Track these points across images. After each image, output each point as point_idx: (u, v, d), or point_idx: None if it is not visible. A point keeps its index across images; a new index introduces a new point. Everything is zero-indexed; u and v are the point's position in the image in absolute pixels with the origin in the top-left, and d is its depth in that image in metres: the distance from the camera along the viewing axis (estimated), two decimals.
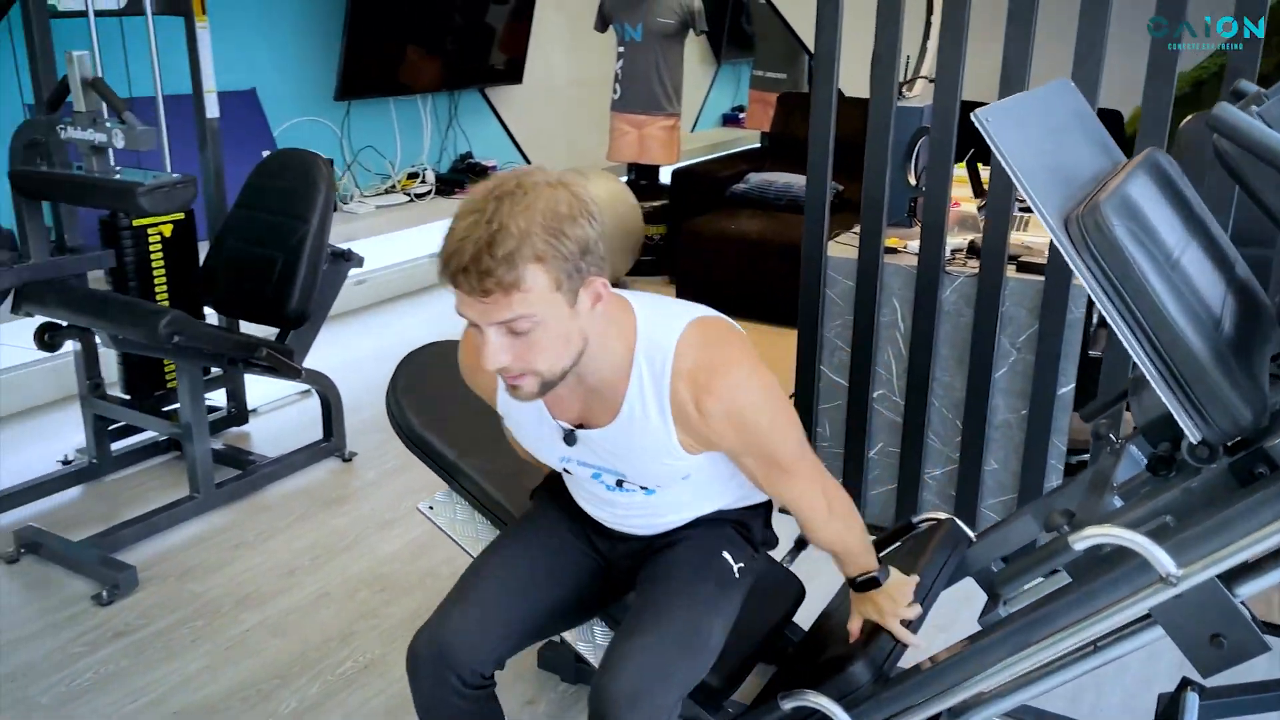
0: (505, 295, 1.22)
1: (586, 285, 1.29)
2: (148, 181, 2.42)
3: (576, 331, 1.32)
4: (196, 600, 2.57)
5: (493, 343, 1.27)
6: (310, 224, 2.91)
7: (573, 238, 1.25)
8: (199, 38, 3.20)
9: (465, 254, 1.21)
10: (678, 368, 1.40)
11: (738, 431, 1.44)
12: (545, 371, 1.32)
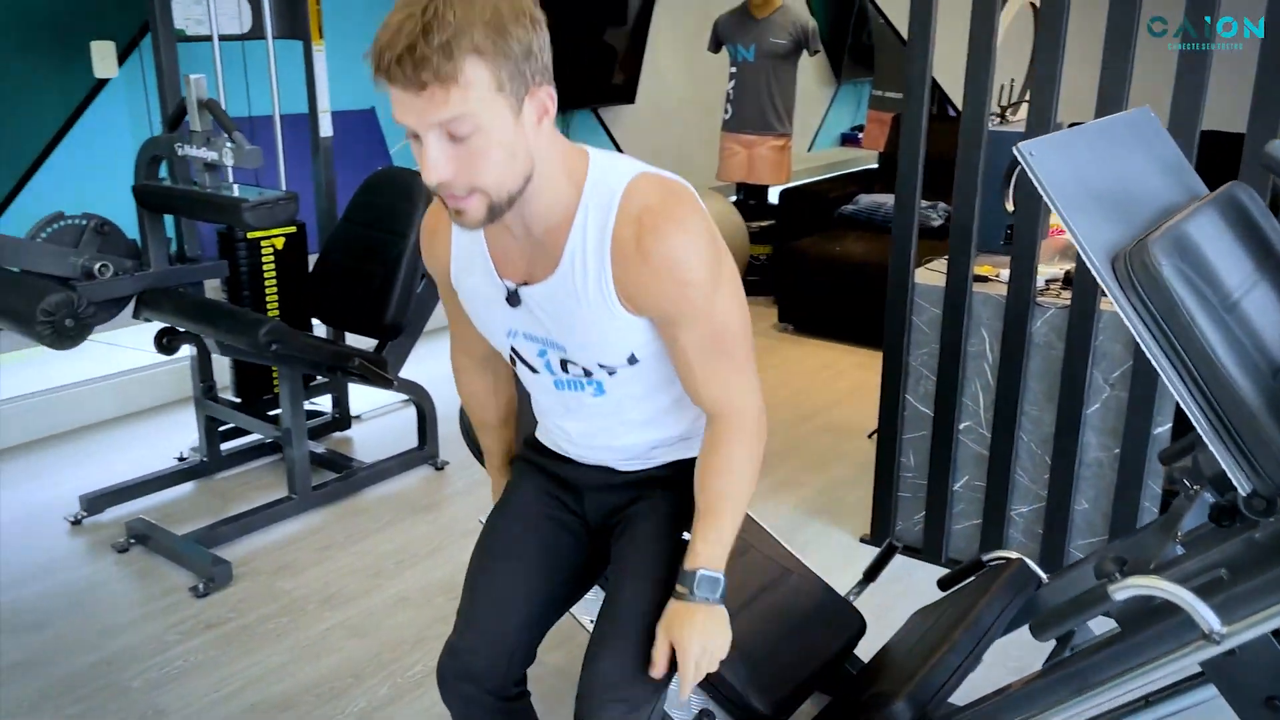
0: (443, 89, 1.13)
1: (531, 95, 1.20)
2: (253, 198, 2.56)
3: (523, 148, 1.22)
4: (284, 597, 2.69)
5: (433, 151, 1.17)
6: (408, 240, 3.02)
7: (516, 37, 1.16)
8: (315, 60, 3.37)
9: (399, 44, 1.12)
10: (624, 208, 1.29)
11: (677, 283, 1.30)
12: (491, 188, 1.22)
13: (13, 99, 3.38)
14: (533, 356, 1.47)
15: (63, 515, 3.05)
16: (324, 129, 3.43)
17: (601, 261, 1.31)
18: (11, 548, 2.90)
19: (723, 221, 5.11)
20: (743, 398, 1.42)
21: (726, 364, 1.40)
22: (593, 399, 1.47)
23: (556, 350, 1.42)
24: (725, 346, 1.38)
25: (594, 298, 1.33)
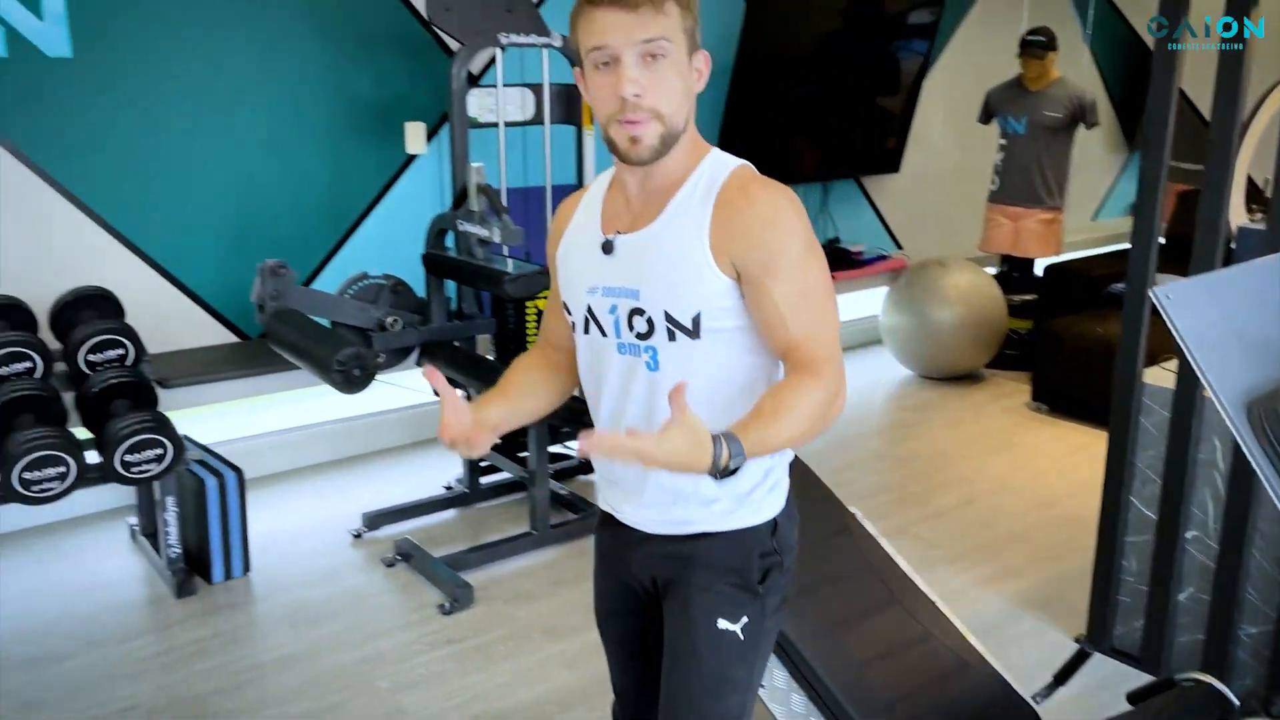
0: (653, 12, 1.33)
1: (696, 54, 1.41)
2: (514, 272, 2.93)
3: (690, 92, 1.41)
4: (514, 623, 3.01)
5: (630, 69, 1.34)
6: None
7: (695, 7, 1.39)
8: (585, 142, 3.75)
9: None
10: (734, 174, 1.44)
11: (776, 230, 1.39)
12: (667, 115, 1.38)
13: (341, 171, 4.01)
14: (604, 313, 1.49)
15: (347, 529, 3.57)
16: None
17: (704, 209, 1.41)
18: (304, 553, 3.44)
19: (978, 293, 5.06)
20: (828, 352, 1.41)
21: (817, 315, 1.41)
22: (646, 374, 1.47)
23: (629, 299, 1.45)
24: (814, 303, 1.41)
25: (686, 239, 1.41)
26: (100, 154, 3.50)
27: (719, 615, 1.51)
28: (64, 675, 2.75)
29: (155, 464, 2.97)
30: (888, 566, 2.38)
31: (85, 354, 3.10)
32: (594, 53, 1.36)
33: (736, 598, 1.52)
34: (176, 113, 3.60)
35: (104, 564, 3.36)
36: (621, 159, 1.42)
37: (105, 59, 3.46)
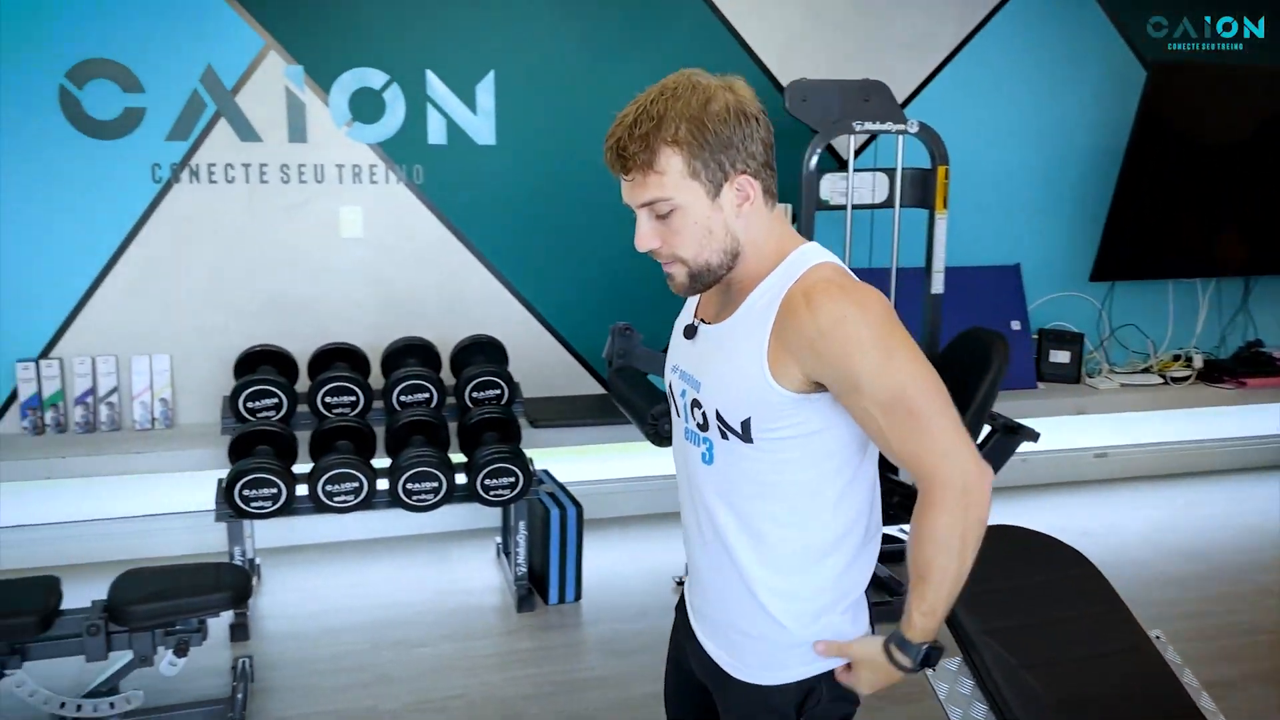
0: (643, 175, 1.35)
1: (730, 181, 1.35)
2: None
3: (721, 226, 1.37)
4: None
5: (642, 226, 1.39)
6: (975, 395, 3.22)
7: (715, 131, 1.32)
8: (937, 226, 3.76)
9: (614, 136, 1.36)
10: (804, 277, 1.38)
11: (844, 340, 1.31)
12: (690, 260, 1.39)
13: None
14: (678, 395, 1.53)
15: (671, 575, 3.83)
16: (935, 287, 3.79)
17: (767, 314, 1.38)
18: (629, 590, 3.74)
19: None
20: (939, 460, 1.33)
21: (914, 425, 1.33)
22: (702, 466, 1.49)
23: (694, 387, 1.47)
24: (911, 408, 1.33)
25: (746, 344, 1.39)
26: (509, 222, 4.14)
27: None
28: (416, 659, 3.25)
29: (509, 490, 3.44)
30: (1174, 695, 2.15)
31: (470, 391, 3.67)
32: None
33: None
34: (581, 190, 4.15)
35: (469, 573, 3.91)
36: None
37: (522, 146, 4.10)
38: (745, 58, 4.27)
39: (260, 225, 3.91)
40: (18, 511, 3.87)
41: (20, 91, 3.61)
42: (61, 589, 2.72)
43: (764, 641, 1.48)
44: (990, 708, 2.14)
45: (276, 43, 3.81)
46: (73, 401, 3.78)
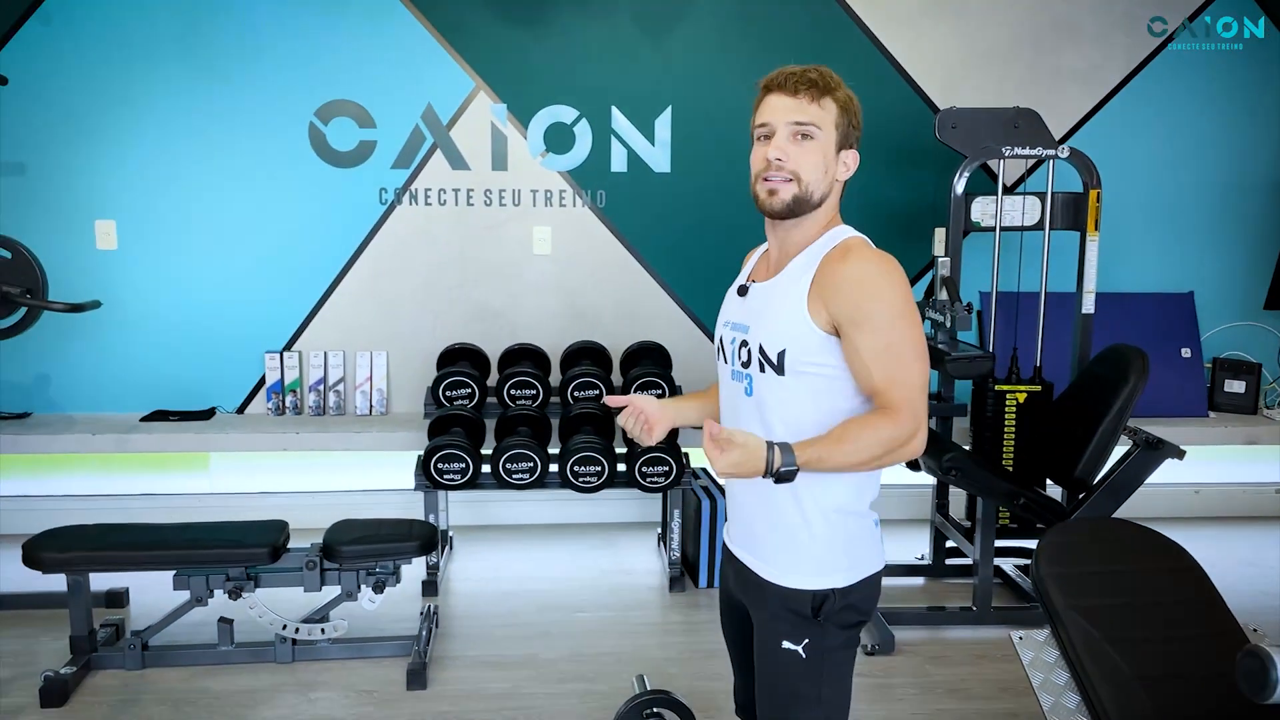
0: (810, 101, 1.73)
1: (850, 147, 1.77)
2: (955, 354, 3.25)
3: (829, 173, 1.75)
4: (923, 677, 3.25)
5: (780, 138, 1.73)
6: (1111, 407, 3.33)
7: (854, 112, 1.76)
8: (1088, 248, 3.87)
9: (798, 71, 1.74)
10: (842, 243, 1.75)
11: (866, 294, 1.64)
12: (805, 179, 1.73)
13: None
14: (727, 343, 1.85)
15: None
16: (1086, 307, 3.89)
17: (811, 267, 1.73)
18: None
19: None
20: (909, 395, 1.63)
21: (900, 366, 1.64)
22: (744, 399, 1.79)
23: (742, 333, 1.80)
24: (898, 356, 1.64)
25: (792, 289, 1.73)
26: (679, 242, 4.56)
27: (783, 638, 1.78)
28: (575, 621, 3.67)
29: (663, 478, 3.82)
30: None
31: (635, 390, 4.09)
32: (759, 129, 1.77)
33: (797, 623, 1.77)
34: (746, 213, 4.51)
35: (631, 558, 4.30)
36: (760, 209, 1.78)
37: (696, 173, 4.52)
38: (907, 88, 4.52)
39: (466, 242, 4.51)
40: (261, 480, 4.61)
41: (278, 128, 4.36)
42: (289, 532, 3.32)
43: (789, 541, 1.78)
44: (1072, 676, 2.31)
45: (485, 84, 4.40)
46: (307, 388, 4.47)
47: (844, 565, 1.78)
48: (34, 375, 4.43)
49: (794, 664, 1.77)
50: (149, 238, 4.38)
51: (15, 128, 4.25)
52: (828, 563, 1.77)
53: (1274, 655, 1.16)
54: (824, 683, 1.78)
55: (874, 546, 1.83)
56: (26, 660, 3.31)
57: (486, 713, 3.02)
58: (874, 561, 1.83)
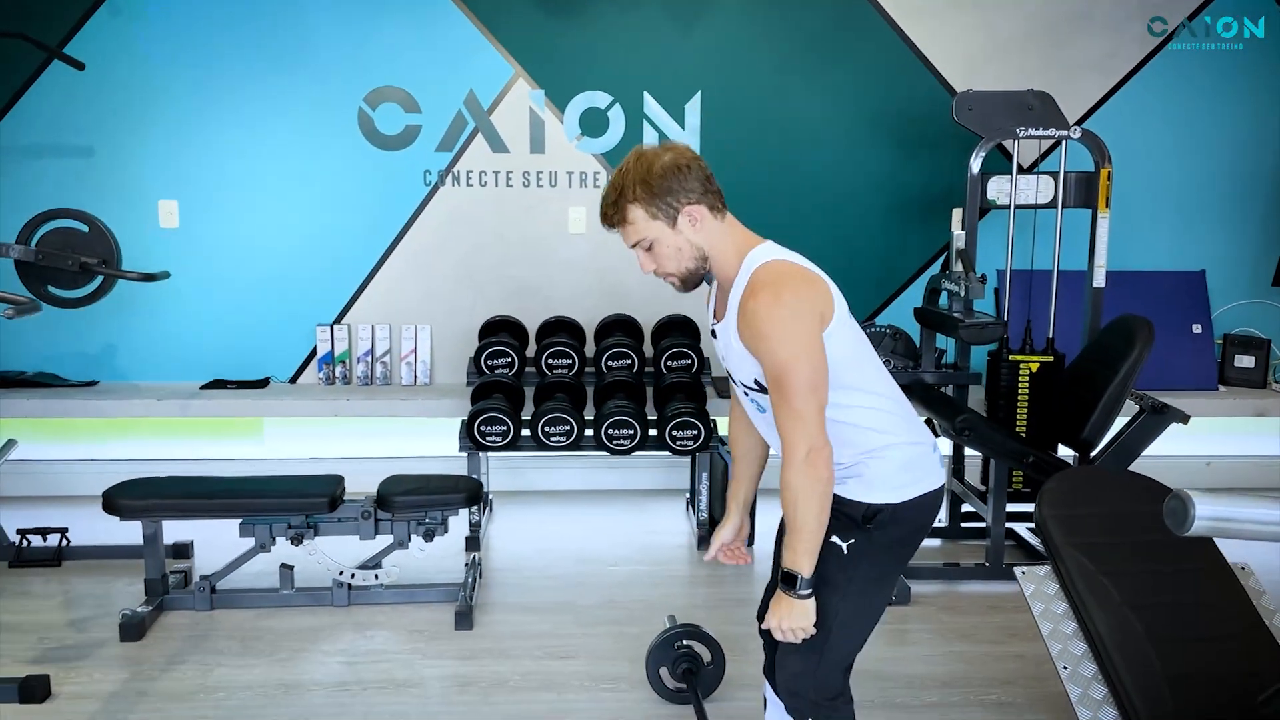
0: (623, 227, 1.93)
1: (684, 211, 1.90)
2: (968, 320, 3.45)
3: (687, 244, 1.92)
4: (936, 623, 3.46)
5: (639, 258, 1.97)
6: (1117, 373, 3.52)
7: (658, 184, 1.88)
8: (1100, 224, 4.05)
9: (602, 205, 1.94)
10: (751, 279, 1.90)
11: (754, 332, 1.84)
12: (675, 271, 1.95)
13: (891, 248, 4.83)
14: (729, 373, 2.07)
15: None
16: (1097, 281, 4.08)
17: (735, 311, 1.92)
18: None
19: None
20: (794, 434, 1.84)
21: (784, 404, 1.84)
22: (759, 414, 2.04)
23: (728, 364, 2.03)
24: (783, 389, 1.84)
25: (731, 332, 1.94)
26: None
27: (832, 534, 1.96)
28: (609, 574, 3.90)
29: (692, 441, 4.04)
30: (1239, 601, 2.44)
31: (665, 359, 4.32)
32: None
33: (848, 525, 1.99)
34: (771, 194, 4.74)
35: (662, 520, 4.53)
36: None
37: (723, 156, 4.72)
38: (928, 75, 4.72)
39: (505, 222, 4.75)
40: (312, 447, 4.88)
41: (329, 113, 4.62)
42: (345, 486, 3.57)
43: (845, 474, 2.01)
44: (1069, 604, 2.52)
45: (524, 71, 4.65)
46: (356, 360, 4.74)
47: (896, 484, 1.99)
48: (101, 346, 4.72)
49: (834, 555, 1.97)
50: (209, 217, 4.66)
51: (85, 112, 4.54)
52: (880, 483, 1.99)
53: (1193, 497, 1.37)
54: (856, 578, 1.99)
55: (925, 469, 2.03)
56: (103, 602, 3.59)
57: (528, 650, 3.26)
58: (927, 482, 2.03)
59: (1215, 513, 1.40)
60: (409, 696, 2.96)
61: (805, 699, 2.03)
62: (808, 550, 1.88)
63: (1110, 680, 2.35)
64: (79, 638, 3.32)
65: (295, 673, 3.10)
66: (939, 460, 2.10)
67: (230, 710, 2.88)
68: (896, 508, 1.99)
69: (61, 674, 3.04)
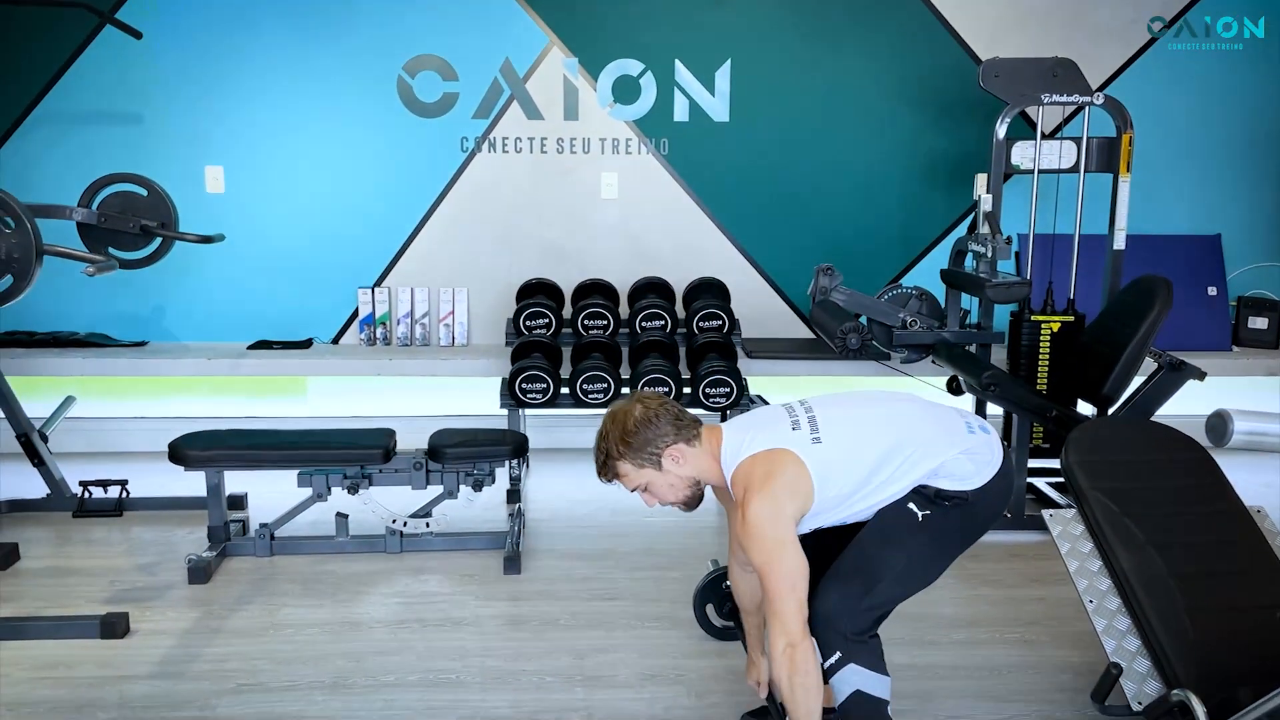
0: (619, 479, 2.29)
1: (665, 454, 2.23)
2: (994, 280, 3.59)
3: (677, 478, 2.25)
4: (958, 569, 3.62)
5: (642, 498, 2.31)
6: (1136, 331, 3.66)
7: (635, 439, 2.22)
8: (1121, 188, 4.18)
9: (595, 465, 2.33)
10: (733, 484, 2.22)
11: (738, 538, 2.16)
12: (673, 502, 2.30)
13: (914, 213, 4.97)
14: None
15: None
16: (1118, 243, 4.20)
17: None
18: None
19: None
20: (773, 630, 2.09)
21: (765, 599, 2.12)
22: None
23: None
24: (764, 587, 2.11)
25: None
26: (736, 186, 4.92)
27: (909, 502, 2.24)
28: (646, 524, 4.07)
29: (724, 399, 4.20)
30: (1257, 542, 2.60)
31: (697, 320, 4.48)
32: None
33: (924, 502, 2.23)
34: (799, 161, 4.88)
35: None
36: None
37: (753, 123, 4.87)
38: (954, 44, 4.83)
39: (539, 187, 4.89)
40: (354, 405, 5.05)
41: (370, 81, 4.75)
42: (396, 439, 3.74)
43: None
44: (1094, 543, 2.68)
45: (559, 39, 4.77)
46: (396, 321, 4.89)
47: (963, 475, 2.24)
48: (150, 308, 4.89)
49: (907, 518, 2.21)
50: (253, 182, 4.80)
51: (134, 80, 4.68)
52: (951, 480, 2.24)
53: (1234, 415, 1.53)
54: (921, 542, 2.21)
55: (984, 460, 2.27)
56: (166, 549, 3.78)
57: (575, 592, 3.44)
58: (989, 470, 2.27)
59: (1251, 427, 1.56)
60: (466, 633, 3.14)
61: (837, 632, 2.18)
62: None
63: (1134, 613, 2.51)
64: (149, 580, 3.51)
65: (357, 613, 3.28)
66: (994, 447, 2.31)
67: (300, 645, 3.06)
68: (969, 494, 2.23)
69: (136, 613, 3.23)
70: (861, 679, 2.16)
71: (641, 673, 2.90)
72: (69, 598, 3.36)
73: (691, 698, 2.77)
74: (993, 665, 2.97)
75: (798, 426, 2.22)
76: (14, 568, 3.59)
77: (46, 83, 4.67)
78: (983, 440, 2.30)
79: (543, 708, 2.72)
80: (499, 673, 2.89)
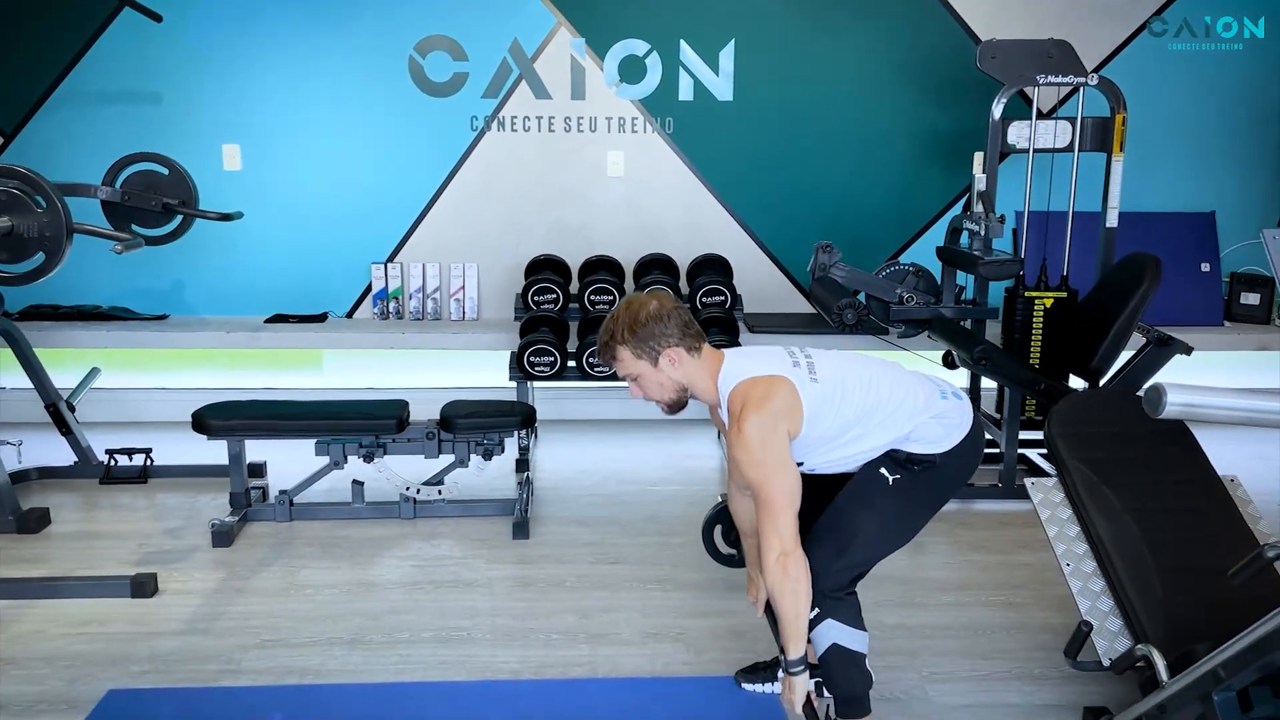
0: (615, 365, 2.37)
1: (664, 354, 2.31)
2: (988, 258, 3.71)
3: (668, 379, 2.34)
4: (951, 537, 3.77)
5: (630, 386, 2.40)
6: (1125, 306, 3.78)
7: (642, 330, 2.29)
8: (1114, 168, 4.28)
9: (597, 342, 2.41)
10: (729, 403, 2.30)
11: (734, 456, 2.23)
12: (659, 399, 2.39)
13: (913, 191, 5.08)
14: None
15: None
16: (1110, 221, 4.31)
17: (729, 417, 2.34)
18: None
19: None
20: (768, 539, 2.20)
21: (760, 511, 2.22)
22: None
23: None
24: (759, 501, 2.21)
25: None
26: (739, 165, 5.03)
27: (881, 467, 2.37)
28: (648, 493, 4.23)
29: None
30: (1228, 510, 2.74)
31: (701, 295, 4.60)
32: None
33: (895, 466, 2.37)
34: (801, 139, 4.99)
35: (698, 448, 4.84)
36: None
37: (755, 102, 4.97)
38: (953, 23, 4.92)
39: (547, 165, 5.01)
40: (367, 378, 5.20)
41: (381, 61, 4.87)
42: (409, 410, 3.89)
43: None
44: (1073, 511, 2.81)
45: (566, 20, 4.87)
46: (408, 296, 5.04)
47: (932, 439, 2.37)
48: (170, 282, 5.04)
49: (879, 482, 2.35)
50: (269, 160, 4.94)
51: (153, 60, 4.80)
52: (921, 445, 2.37)
53: (1166, 386, 1.67)
54: (892, 504, 2.34)
55: (954, 424, 2.40)
56: (190, 515, 3.95)
57: (580, 556, 3.60)
58: (958, 434, 2.40)
59: (1185, 400, 1.70)
60: (477, 593, 3.31)
61: (816, 589, 2.31)
62: (790, 636, 2.25)
63: (1108, 576, 2.65)
64: (174, 543, 3.68)
65: (373, 574, 3.45)
66: (964, 412, 2.44)
67: (320, 604, 3.23)
68: (937, 457, 2.36)
69: (164, 574, 3.39)
70: (839, 633, 2.31)
71: (643, 631, 3.06)
72: (99, 560, 3.53)
73: (690, 654, 2.93)
74: (977, 626, 3.12)
75: (798, 365, 2.35)
76: (45, 531, 3.77)
77: (68, 63, 4.80)
78: (954, 405, 2.43)
79: (549, 662, 2.88)
80: (508, 630, 3.06)
